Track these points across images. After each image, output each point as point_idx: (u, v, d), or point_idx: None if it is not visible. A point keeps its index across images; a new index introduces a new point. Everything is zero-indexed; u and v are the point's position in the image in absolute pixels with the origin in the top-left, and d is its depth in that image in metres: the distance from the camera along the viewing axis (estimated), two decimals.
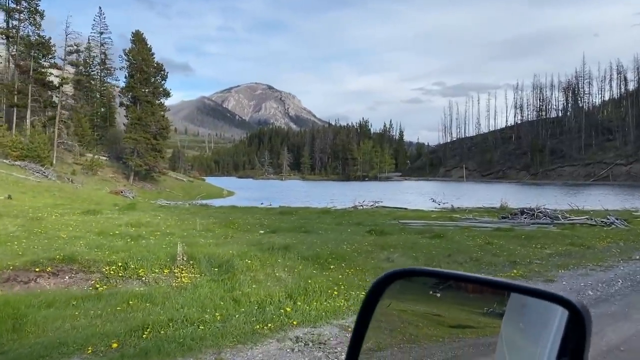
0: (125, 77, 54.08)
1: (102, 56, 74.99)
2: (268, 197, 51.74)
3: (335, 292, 7.11)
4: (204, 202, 43.78)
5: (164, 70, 54.64)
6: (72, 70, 49.14)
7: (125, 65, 54.16)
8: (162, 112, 53.07)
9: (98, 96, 74.30)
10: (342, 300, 6.73)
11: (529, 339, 0.98)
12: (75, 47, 46.76)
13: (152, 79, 52.29)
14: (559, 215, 21.00)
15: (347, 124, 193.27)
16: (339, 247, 10.52)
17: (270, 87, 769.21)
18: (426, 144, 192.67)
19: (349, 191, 65.61)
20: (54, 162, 43.47)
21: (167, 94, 53.96)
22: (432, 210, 32.40)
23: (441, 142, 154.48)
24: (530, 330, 0.99)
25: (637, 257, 10.86)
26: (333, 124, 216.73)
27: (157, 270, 8.08)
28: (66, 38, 45.20)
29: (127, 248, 9.30)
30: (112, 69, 71.44)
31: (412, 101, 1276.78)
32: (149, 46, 56.02)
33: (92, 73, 73.73)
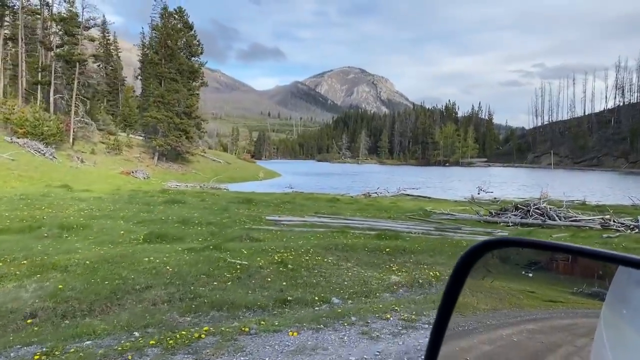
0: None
1: None
2: (307, 182, 47.89)
3: None
4: (218, 185, 41.04)
5: (196, 47, 51.98)
6: (90, 45, 48.11)
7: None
8: (190, 90, 50.48)
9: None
10: None
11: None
12: (92, 21, 45.57)
13: (179, 56, 49.72)
14: (557, 214, 15.05)
15: (433, 107, 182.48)
16: None
17: (362, 71, 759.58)
18: (524, 127, 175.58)
19: (410, 177, 59.35)
20: (71, 140, 42.69)
21: (194, 72, 51.24)
22: (456, 201, 27.40)
23: (532, 126, 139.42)
24: None
25: None
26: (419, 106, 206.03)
27: None
28: (83, 12, 44.07)
29: None
30: None
31: (509, 84, 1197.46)
32: (189, 23, 53.74)
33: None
